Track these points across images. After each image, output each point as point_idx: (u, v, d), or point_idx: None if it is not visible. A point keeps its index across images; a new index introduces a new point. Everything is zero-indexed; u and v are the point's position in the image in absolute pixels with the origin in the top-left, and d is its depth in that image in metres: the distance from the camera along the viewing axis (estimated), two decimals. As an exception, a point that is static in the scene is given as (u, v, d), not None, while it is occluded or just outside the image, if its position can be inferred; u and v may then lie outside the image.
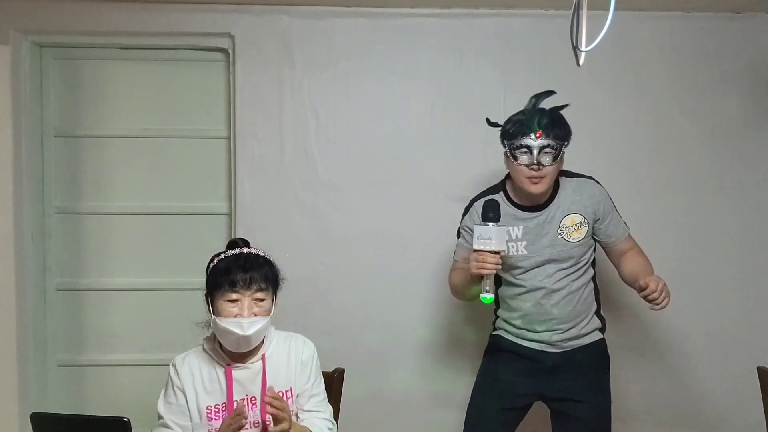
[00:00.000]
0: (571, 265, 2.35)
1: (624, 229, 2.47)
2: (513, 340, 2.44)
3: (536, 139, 2.25)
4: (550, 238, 2.34)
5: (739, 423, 2.96)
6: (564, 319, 2.36)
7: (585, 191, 2.39)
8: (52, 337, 3.08)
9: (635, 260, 2.43)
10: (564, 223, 2.35)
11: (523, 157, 2.27)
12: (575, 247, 2.35)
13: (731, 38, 2.97)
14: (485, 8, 2.92)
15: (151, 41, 2.97)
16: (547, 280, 2.34)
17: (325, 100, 2.94)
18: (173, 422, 1.96)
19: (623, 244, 2.46)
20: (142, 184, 3.08)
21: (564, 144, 2.30)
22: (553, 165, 2.27)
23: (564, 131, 2.30)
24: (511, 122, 2.32)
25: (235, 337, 1.91)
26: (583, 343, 2.40)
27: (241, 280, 1.92)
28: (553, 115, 2.30)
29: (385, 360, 2.99)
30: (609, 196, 2.43)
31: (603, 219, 2.40)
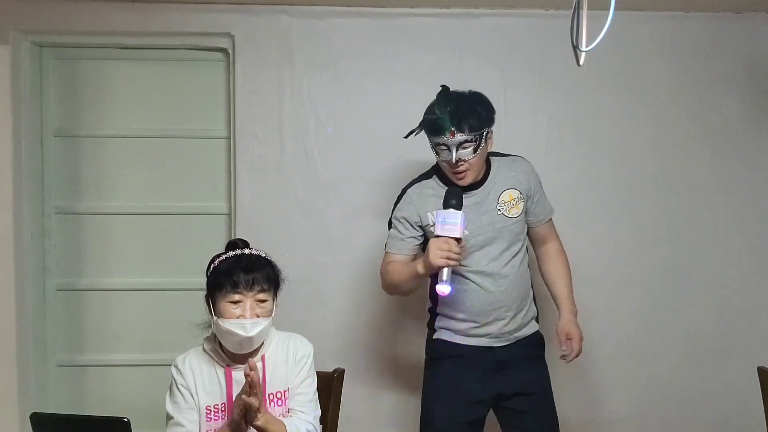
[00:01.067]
0: (512, 243, 2.31)
1: (550, 209, 2.46)
2: (457, 342, 2.34)
3: (451, 137, 2.18)
4: (490, 216, 2.29)
5: (739, 423, 2.96)
6: (510, 306, 2.30)
7: (518, 168, 2.37)
8: (52, 337, 3.08)
9: (559, 266, 2.45)
10: (502, 198, 2.31)
11: (443, 153, 2.23)
12: (515, 224, 2.31)
13: (731, 38, 2.97)
14: (485, 8, 2.92)
15: (151, 41, 2.97)
16: (492, 264, 2.28)
17: (325, 100, 2.94)
18: (186, 419, 1.95)
19: (546, 227, 2.45)
20: (142, 184, 3.08)
21: (483, 132, 2.21)
22: (476, 156, 2.20)
23: (480, 120, 2.20)
24: (425, 122, 2.26)
25: (238, 339, 1.91)
26: (525, 333, 2.37)
27: (243, 281, 1.91)
28: (463, 107, 2.20)
29: (385, 360, 3.00)
30: (537, 173, 2.41)
31: (534, 196, 2.38)
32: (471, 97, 2.26)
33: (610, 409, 3.01)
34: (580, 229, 2.94)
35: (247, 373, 1.79)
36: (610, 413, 3.00)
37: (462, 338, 2.35)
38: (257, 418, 1.84)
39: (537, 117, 2.96)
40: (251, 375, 1.78)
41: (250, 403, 1.81)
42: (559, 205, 2.77)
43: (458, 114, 2.18)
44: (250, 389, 1.80)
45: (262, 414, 1.85)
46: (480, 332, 2.32)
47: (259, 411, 1.83)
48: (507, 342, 2.34)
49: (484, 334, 2.32)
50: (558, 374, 2.93)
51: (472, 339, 2.33)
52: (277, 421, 1.92)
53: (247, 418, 1.86)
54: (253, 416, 1.84)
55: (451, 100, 2.23)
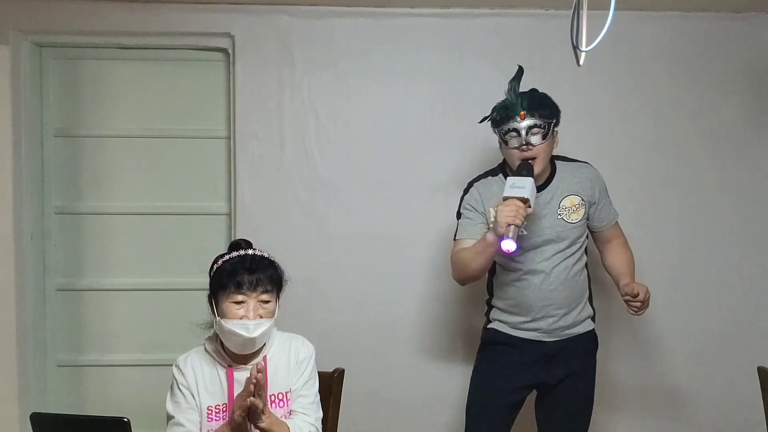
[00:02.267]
0: (568, 246, 2.35)
1: (615, 214, 2.51)
2: (509, 333, 2.42)
3: (521, 120, 2.26)
4: (550, 219, 2.34)
5: (739, 423, 2.96)
6: (561, 304, 2.35)
7: (583, 174, 2.42)
8: (52, 337, 3.08)
9: (621, 253, 2.49)
10: (563, 203, 2.35)
11: (513, 140, 2.28)
12: (573, 228, 2.36)
13: (731, 38, 2.97)
14: (485, 8, 2.92)
15: (151, 41, 2.97)
16: (545, 263, 2.33)
17: (325, 100, 2.94)
18: (186, 419, 1.94)
19: (612, 230, 2.50)
20: (142, 184, 3.08)
21: (552, 122, 2.30)
22: (543, 144, 2.27)
23: (549, 110, 2.31)
24: (496, 110, 2.33)
25: (241, 340, 1.90)
26: (577, 332, 2.42)
27: (247, 282, 1.91)
28: (535, 95, 2.32)
29: (385, 360, 2.99)
30: (603, 180, 2.46)
31: (598, 203, 2.42)
32: (541, 92, 2.35)
33: (609, 409, 3.00)
34: (580, 229, 2.94)
35: (255, 375, 1.78)
36: (610, 413, 3.00)
37: (514, 330, 2.41)
38: (262, 419, 1.84)
39: (537, 117, 2.96)
40: (258, 377, 1.78)
41: (255, 404, 1.80)
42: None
43: (529, 100, 2.28)
44: (255, 391, 1.80)
45: (267, 416, 1.85)
46: (531, 326, 2.38)
47: (263, 413, 1.83)
48: (558, 338, 2.39)
49: (534, 328, 2.38)
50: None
51: (523, 332, 2.40)
52: (281, 423, 1.92)
53: (250, 419, 1.85)
54: (257, 418, 1.84)
55: (524, 91, 2.33)
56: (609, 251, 2.51)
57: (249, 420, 1.85)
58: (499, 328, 2.45)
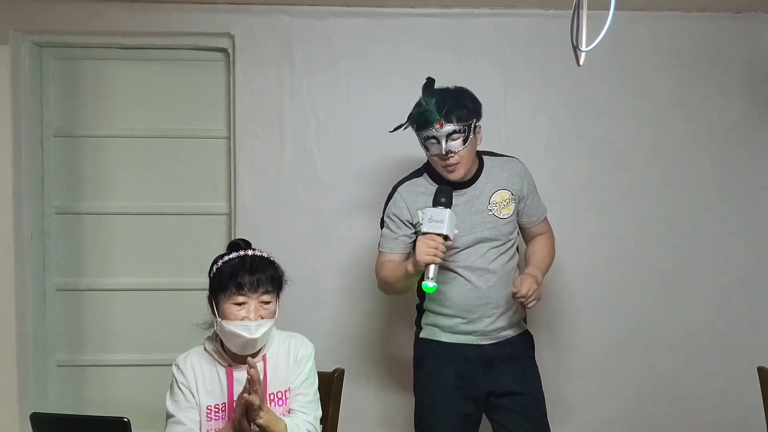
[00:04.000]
0: (502, 243, 2.32)
1: (543, 209, 2.47)
2: (445, 340, 2.34)
3: (439, 129, 2.18)
4: (481, 216, 2.29)
5: (739, 423, 2.96)
6: (498, 303, 2.30)
7: (511, 168, 2.37)
8: (52, 337, 3.08)
9: (541, 246, 2.44)
10: (494, 199, 2.31)
11: (433, 147, 2.22)
12: (505, 224, 2.32)
13: (731, 38, 2.97)
14: (485, 8, 2.92)
15: (151, 41, 2.97)
16: (481, 260, 2.28)
17: (325, 100, 2.94)
18: (186, 418, 1.94)
19: (540, 226, 2.46)
20: (142, 184, 3.08)
21: (471, 123, 2.21)
22: (465, 148, 2.20)
23: (467, 110, 2.21)
24: (413, 116, 2.26)
25: (243, 340, 1.90)
26: (512, 333, 2.37)
27: (248, 283, 1.91)
28: (451, 98, 2.22)
29: (385, 360, 2.99)
30: (531, 175, 2.41)
31: (527, 197, 2.37)
32: (456, 90, 2.27)
33: (609, 409, 3.00)
34: (579, 228, 2.95)
35: (248, 371, 1.78)
36: (610, 413, 3.00)
37: (449, 336, 2.35)
38: (259, 416, 1.84)
39: (537, 117, 2.96)
40: (251, 372, 1.78)
41: (251, 401, 1.80)
42: (559, 205, 2.78)
43: (445, 105, 2.18)
44: (250, 387, 1.80)
45: (265, 412, 1.85)
46: (468, 329, 2.32)
47: (261, 409, 1.83)
48: (495, 340, 2.34)
49: (471, 331, 2.32)
50: (557, 374, 2.94)
51: (460, 336, 2.33)
52: (279, 420, 1.91)
53: (248, 417, 1.85)
54: (255, 414, 1.83)
55: (437, 93, 2.25)
56: (531, 244, 2.47)
57: (247, 417, 1.85)
58: (432, 335, 2.37)
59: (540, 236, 2.47)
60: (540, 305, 2.50)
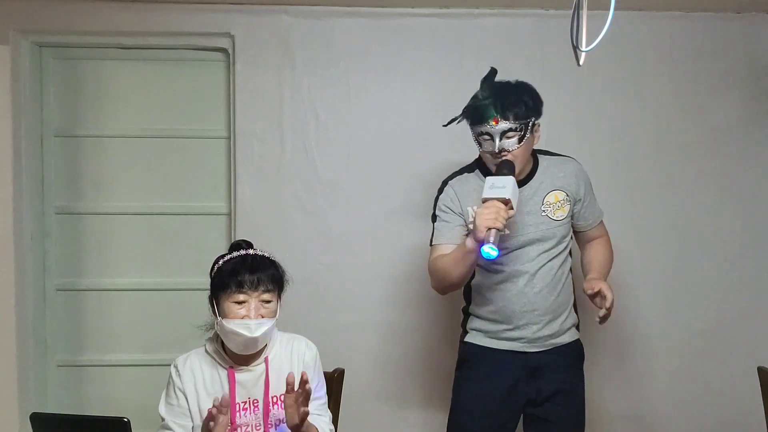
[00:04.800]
0: (554, 246, 2.20)
1: (600, 212, 2.37)
2: (489, 346, 2.25)
3: (494, 126, 2.07)
4: (534, 216, 2.19)
5: (739, 423, 2.96)
6: (546, 310, 2.19)
7: (568, 169, 2.27)
8: (52, 337, 3.08)
9: (600, 250, 2.33)
10: (548, 199, 2.20)
11: (486, 144, 2.12)
12: (559, 226, 2.21)
13: (731, 38, 2.96)
14: (485, 8, 2.92)
15: (151, 41, 2.96)
16: (529, 264, 2.17)
17: (325, 100, 2.94)
18: (175, 423, 1.95)
19: (596, 229, 2.36)
20: (142, 184, 3.08)
21: (529, 121, 2.10)
22: (520, 147, 2.09)
23: (527, 109, 2.10)
24: (468, 110, 2.16)
25: (243, 339, 1.90)
26: (563, 341, 2.26)
27: (248, 282, 1.91)
28: (510, 94, 2.11)
29: (385, 360, 2.99)
30: (588, 177, 2.33)
31: (584, 200, 2.28)
32: (517, 85, 2.16)
33: (609, 409, 3.00)
34: (580, 229, 2.95)
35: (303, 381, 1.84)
36: (609, 413, 3.00)
37: (493, 341, 2.26)
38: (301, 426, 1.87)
39: (537, 117, 2.96)
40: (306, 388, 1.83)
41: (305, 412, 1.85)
42: (559, 205, 2.78)
43: (502, 101, 2.08)
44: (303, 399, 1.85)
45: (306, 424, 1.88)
46: (513, 335, 2.22)
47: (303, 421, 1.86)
48: (542, 348, 2.23)
49: (516, 337, 2.22)
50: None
51: (504, 342, 2.24)
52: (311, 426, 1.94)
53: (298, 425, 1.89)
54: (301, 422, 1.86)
55: (496, 87, 2.13)
56: (589, 249, 2.35)
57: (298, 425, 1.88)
58: (477, 340, 2.29)
59: (596, 240, 2.36)
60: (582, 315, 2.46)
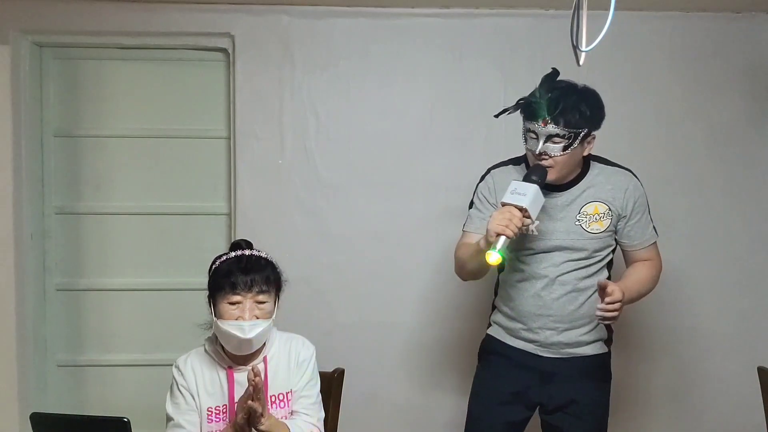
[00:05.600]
0: (582, 258, 2.12)
1: (651, 235, 2.23)
2: (504, 341, 2.25)
3: (542, 127, 2.01)
4: (566, 224, 2.12)
5: (739, 423, 2.96)
6: (563, 318, 2.14)
7: (619, 181, 2.16)
8: (52, 337, 3.08)
9: (640, 269, 2.22)
10: (585, 209, 2.12)
11: (531, 142, 2.08)
12: (591, 239, 2.12)
13: (731, 38, 2.96)
14: (485, 8, 2.92)
15: (151, 41, 2.96)
16: (551, 269, 2.12)
17: (325, 100, 2.94)
18: (186, 421, 1.95)
19: (644, 252, 2.22)
20: (142, 184, 3.08)
21: (581, 132, 2.02)
22: (563, 155, 2.03)
23: (581, 117, 2.01)
24: (524, 102, 2.10)
25: (237, 340, 1.90)
26: (584, 352, 2.19)
27: (242, 283, 1.91)
28: (568, 100, 2.02)
29: (385, 360, 2.99)
30: (645, 195, 2.21)
31: (630, 217, 2.16)
32: (580, 91, 2.08)
33: (610, 409, 3.00)
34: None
35: (251, 378, 1.78)
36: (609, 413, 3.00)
37: (510, 339, 2.24)
38: (261, 422, 1.84)
39: (537, 117, 2.96)
40: (256, 380, 1.78)
41: (254, 408, 1.80)
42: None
43: (557, 104, 2.00)
44: (254, 394, 1.79)
45: (266, 418, 1.85)
46: (528, 336, 2.20)
47: (263, 416, 1.83)
48: (557, 355, 2.19)
49: (531, 339, 2.19)
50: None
51: (520, 342, 2.22)
52: (281, 424, 1.92)
53: (250, 423, 1.85)
54: (257, 421, 1.83)
55: (557, 88, 2.06)
56: (631, 267, 2.25)
57: (249, 423, 1.85)
58: (496, 334, 2.29)
59: (643, 262, 2.23)
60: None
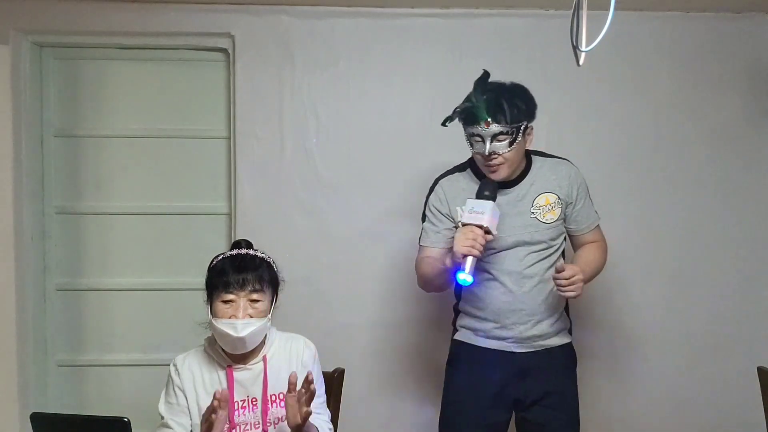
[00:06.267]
0: (543, 249, 2.21)
1: (595, 217, 2.36)
2: (477, 344, 2.27)
3: (485, 128, 2.07)
4: (522, 218, 2.20)
5: (739, 423, 2.96)
6: (534, 311, 2.20)
7: (561, 171, 2.27)
8: (52, 337, 3.08)
9: (590, 251, 2.32)
10: (538, 202, 2.21)
11: (477, 145, 2.13)
12: (548, 229, 2.22)
13: (731, 38, 2.96)
14: (485, 8, 2.92)
15: (151, 41, 2.97)
16: (517, 264, 2.19)
17: (325, 100, 2.94)
18: (175, 422, 1.95)
19: (591, 234, 2.35)
20: (142, 184, 3.08)
21: (521, 125, 2.11)
22: (511, 150, 2.10)
23: (519, 112, 2.10)
24: (460, 110, 2.15)
25: (230, 339, 1.91)
26: (553, 344, 2.27)
27: (234, 281, 1.92)
28: (503, 97, 2.10)
29: (385, 360, 2.99)
30: (584, 180, 2.32)
31: (576, 203, 2.27)
32: (511, 88, 2.16)
33: (608, 409, 3.00)
34: (580, 229, 2.95)
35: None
36: (609, 413, 3.00)
37: (483, 340, 2.27)
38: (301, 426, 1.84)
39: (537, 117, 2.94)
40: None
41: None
42: (559, 205, 2.78)
43: (494, 104, 2.08)
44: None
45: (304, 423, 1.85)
46: (501, 334, 2.23)
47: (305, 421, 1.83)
48: (531, 349, 2.24)
49: (505, 337, 2.23)
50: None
51: (494, 342, 2.25)
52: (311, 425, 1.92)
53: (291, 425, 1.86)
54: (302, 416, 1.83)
55: (490, 89, 2.13)
56: (580, 250, 2.35)
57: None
58: (466, 338, 2.30)
59: (590, 244, 2.35)
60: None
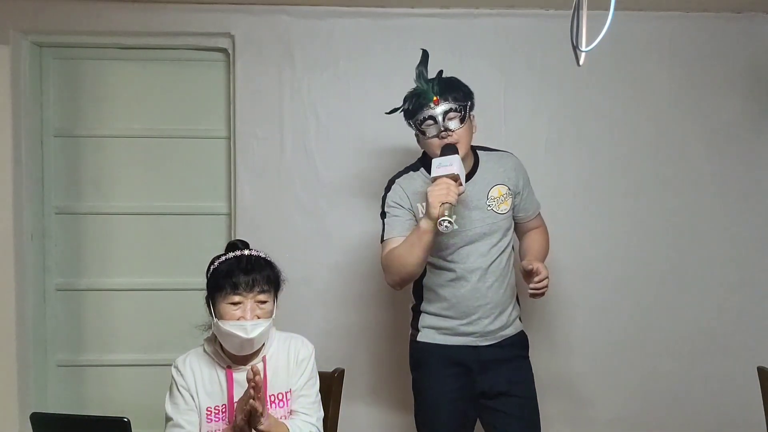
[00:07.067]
0: (500, 240, 2.29)
1: (538, 204, 2.46)
2: (441, 343, 2.31)
3: (436, 106, 2.18)
4: (480, 211, 2.27)
5: (739, 423, 2.96)
6: (497, 303, 2.28)
7: (507, 163, 2.35)
8: (52, 337, 3.08)
9: (537, 238, 2.43)
10: (491, 194, 2.29)
11: (430, 129, 2.20)
12: (503, 220, 2.30)
13: (731, 38, 2.97)
14: (485, 8, 2.92)
15: (151, 41, 2.97)
16: (481, 260, 2.26)
17: (325, 100, 2.94)
18: (185, 421, 1.95)
19: (535, 220, 2.45)
20: (142, 184, 3.08)
21: (467, 105, 2.21)
22: (462, 128, 2.19)
23: (462, 92, 2.22)
24: (408, 99, 2.25)
25: (239, 340, 1.90)
26: (509, 333, 2.34)
27: (243, 283, 1.91)
28: (445, 79, 2.24)
29: (385, 360, 2.99)
30: (525, 170, 2.41)
31: (522, 192, 2.37)
32: (450, 76, 2.27)
33: (608, 409, 3.00)
34: (579, 228, 2.95)
35: (251, 377, 1.77)
36: (609, 413, 3.00)
37: (446, 338, 2.32)
38: (261, 422, 1.84)
39: (537, 117, 2.96)
40: (255, 380, 1.77)
41: (254, 407, 1.80)
42: (559, 205, 2.79)
43: (441, 84, 2.21)
44: (254, 393, 1.79)
45: (266, 417, 1.85)
46: (467, 330, 2.29)
47: (262, 415, 1.83)
48: (492, 341, 2.31)
49: (470, 332, 2.29)
50: (555, 375, 2.94)
51: (458, 338, 2.31)
52: (280, 424, 1.92)
53: (250, 423, 1.85)
54: (256, 421, 1.83)
55: (433, 77, 2.25)
56: (527, 237, 2.44)
57: (249, 423, 1.85)
58: (429, 338, 2.34)
59: (534, 230, 2.46)
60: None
